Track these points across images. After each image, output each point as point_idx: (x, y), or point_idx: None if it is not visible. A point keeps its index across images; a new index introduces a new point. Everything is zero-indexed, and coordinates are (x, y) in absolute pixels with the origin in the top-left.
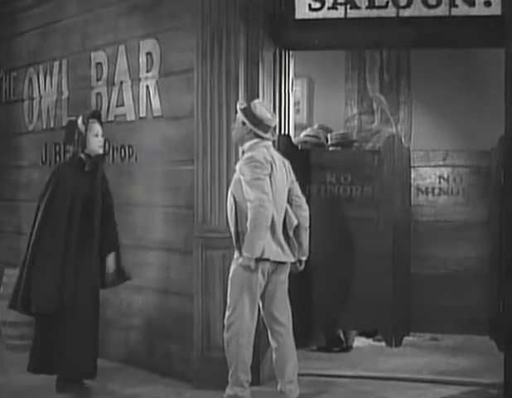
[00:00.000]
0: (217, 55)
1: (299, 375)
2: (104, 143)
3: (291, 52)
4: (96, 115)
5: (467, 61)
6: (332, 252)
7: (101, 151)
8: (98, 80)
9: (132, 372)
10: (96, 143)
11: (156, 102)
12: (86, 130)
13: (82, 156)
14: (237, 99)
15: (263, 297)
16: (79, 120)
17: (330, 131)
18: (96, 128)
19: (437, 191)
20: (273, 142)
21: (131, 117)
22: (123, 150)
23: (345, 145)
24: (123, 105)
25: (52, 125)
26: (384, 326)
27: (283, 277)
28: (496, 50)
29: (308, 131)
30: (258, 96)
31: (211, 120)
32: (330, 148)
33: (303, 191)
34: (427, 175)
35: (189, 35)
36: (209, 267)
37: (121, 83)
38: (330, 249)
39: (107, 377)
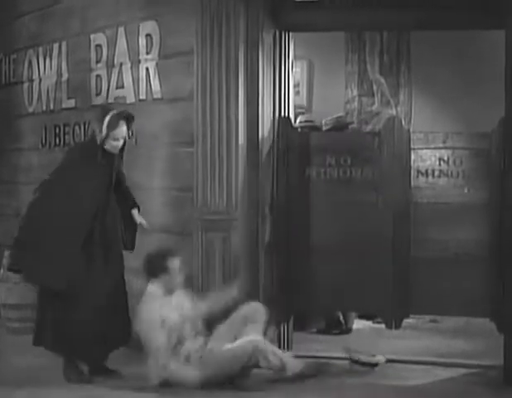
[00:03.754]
0: (217, 37)
1: (299, 357)
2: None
3: (290, 34)
4: (128, 118)
5: (467, 43)
6: (332, 235)
7: (116, 151)
8: (97, 62)
9: (131, 354)
10: (113, 146)
11: (156, 84)
12: (108, 133)
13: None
14: (237, 81)
15: None
16: (108, 117)
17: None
18: (119, 133)
19: (437, 173)
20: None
21: (131, 99)
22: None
23: (339, 129)
24: (122, 87)
25: (52, 107)
26: (384, 308)
27: None
28: (496, 31)
29: (300, 118)
30: (257, 78)
31: (211, 103)
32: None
33: (302, 174)
34: (427, 157)
35: (189, 17)
36: (208, 249)
37: (121, 65)
38: (329, 231)
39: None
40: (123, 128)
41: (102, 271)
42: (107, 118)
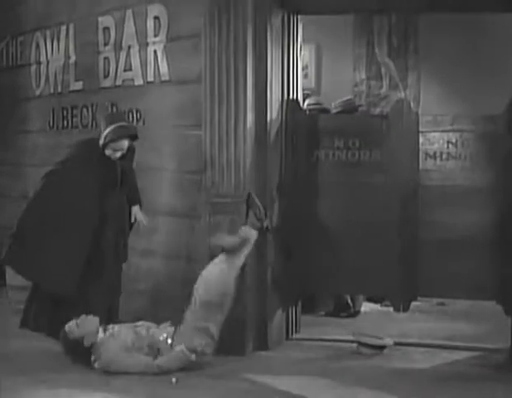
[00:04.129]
0: (225, 19)
1: (307, 339)
2: (112, 108)
3: (299, 17)
4: (131, 136)
5: (475, 26)
6: (340, 217)
7: (115, 159)
8: (105, 44)
9: None
10: (111, 154)
11: (163, 66)
12: (106, 143)
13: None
14: (245, 63)
15: None
16: (110, 128)
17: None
18: (117, 146)
19: (444, 155)
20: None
21: (139, 81)
22: (130, 114)
23: (348, 112)
24: (130, 70)
25: (60, 90)
26: (392, 291)
27: None
28: (505, 15)
29: (308, 100)
30: (266, 61)
31: (219, 85)
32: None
33: (311, 157)
34: (435, 140)
35: None
36: (216, 232)
37: (128, 47)
38: (337, 214)
39: None
40: (122, 143)
41: (106, 270)
42: (108, 129)
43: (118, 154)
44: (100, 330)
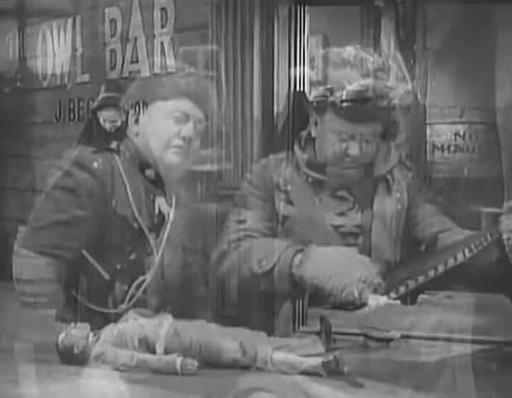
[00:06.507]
0: (232, 10)
1: (314, 332)
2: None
3: (306, 8)
4: (110, 103)
5: (484, 17)
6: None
7: (109, 131)
8: (112, 36)
9: None
10: (103, 124)
11: (170, 58)
12: (95, 111)
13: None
14: (252, 55)
15: None
16: (100, 96)
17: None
18: (104, 115)
19: (452, 148)
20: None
21: (145, 73)
22: (137, 107)
23: (360, 102)
24: (137, 62)
25: (66, 82)
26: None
27: None
28: None
29: (315, 92)
30: (273, 52)
31: (226, 77)
32: (344, 104)
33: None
34: (443, 132)
35: None
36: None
37: (135, 39)
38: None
39: None
40: (109, 113)
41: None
42: (99, 97)
43: (109, 125)
44: (91, 335)
